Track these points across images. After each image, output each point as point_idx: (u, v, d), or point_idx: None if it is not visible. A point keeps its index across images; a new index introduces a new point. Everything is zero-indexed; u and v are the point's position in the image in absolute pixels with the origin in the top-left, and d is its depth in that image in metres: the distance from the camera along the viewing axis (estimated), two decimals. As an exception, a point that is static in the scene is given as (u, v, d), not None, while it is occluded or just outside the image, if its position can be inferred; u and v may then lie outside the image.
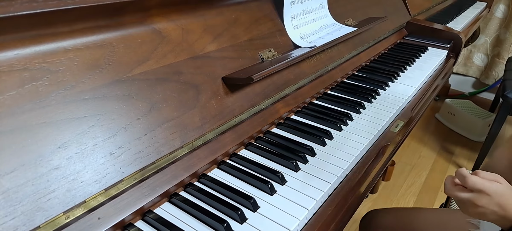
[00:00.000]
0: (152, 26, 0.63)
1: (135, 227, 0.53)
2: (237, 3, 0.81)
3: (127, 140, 0.54)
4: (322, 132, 0.78)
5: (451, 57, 1.41)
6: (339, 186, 0.66)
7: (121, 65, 0.57)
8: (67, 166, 0.47)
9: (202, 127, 0.64)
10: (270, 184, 0.61)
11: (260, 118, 0.77)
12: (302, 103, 0.90)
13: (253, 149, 0.72)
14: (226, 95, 0.71)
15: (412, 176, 2.00)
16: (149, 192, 0.55)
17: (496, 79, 2.61)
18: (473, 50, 2.69)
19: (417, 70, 1.19)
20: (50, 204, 0.45)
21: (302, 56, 0.85)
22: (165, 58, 0.63)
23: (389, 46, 1.40)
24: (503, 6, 2.50)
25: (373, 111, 0.90)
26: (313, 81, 0.96)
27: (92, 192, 0.49)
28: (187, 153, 0.62)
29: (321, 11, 1.05)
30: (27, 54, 0.47)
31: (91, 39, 0.54)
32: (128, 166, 0.53)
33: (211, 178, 0.63)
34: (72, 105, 0.49)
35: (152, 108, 0.58)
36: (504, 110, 1.86)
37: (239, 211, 0.55)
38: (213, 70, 0.70)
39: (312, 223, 0.58)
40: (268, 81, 0.81)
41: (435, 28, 1.49)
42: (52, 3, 0.47)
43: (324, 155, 0.72)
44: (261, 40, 0.84)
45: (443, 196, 1.80)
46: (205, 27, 0.72)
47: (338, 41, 0.97)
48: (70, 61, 0.51)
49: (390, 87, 1.06)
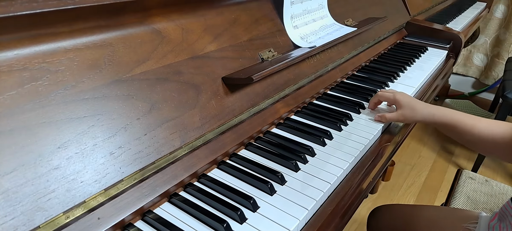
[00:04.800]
0: (152, 26, 0.63)
1: (135, 227, 0.53)
2: (237, 3, 0.81)
3: (127, 140, 0.54)
4: (322, 132, 0.78)
5: (451, 57, 1.41)
6: (338, 186, 0.66)
7: (121, 65, 0.57)
8: (67, 166, 0.47)
9: (202, 127, 0.64)
10: (270, 184, 0.61)
11: (260, 118, 0.77)
12: (302, 104, 0.90)
13: (253, 149, 0.72)
14: (226, 95, 0.71)
15: (412, 176, 2.00)
16: (149, 192, 0.55)
17: (496, 80, 2.61)
18: (473, 50, 2.69)
19: (417, 71, 1.19)
20: (50, 204, 0.45)
21: (302, 56, 0.85)
22: (165, 58, 0.63)
23: (389, 46, 1.40)
24: (502, 6, 2.50)
25: (373, 111, 0.90)
26: (313, 81, 0.96)
27: (92, 192, 0.49)
28: (187, 153, 0.62)
29: (321, 11, 1.05)
30: (27, 54, 0.47)
31: (91, 39, 0.54)
32: (128, 166, 0.53)
33: (211, 178, 0.63)
34: (72, 105, 0.49)
35: (152, 108, 0.58)
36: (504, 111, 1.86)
37: (239, 211, 0.55)
38: (213, 70, 0.70)
39: (312, 223, 0.58)
40: (268, 81, 0.81)
41: (435, 28, 1.49)
42: (52, 3, 0.47)
43: (324, 155, 0.72)
44: (261, 40, 0.84)
45: (443, 196, 1.81)
46: (205, 27, 0.72)
47: (338, 41, 0.97)
48: (70, 61, 0.51)
49: (390, 87, 1.06)
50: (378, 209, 1.00)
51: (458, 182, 1.14)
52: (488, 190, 1.10)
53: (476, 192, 1.09)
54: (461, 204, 1.05)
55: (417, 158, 2.15)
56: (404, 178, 1.98)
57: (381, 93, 0.85)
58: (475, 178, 1.15)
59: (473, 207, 1.04)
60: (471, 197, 1.08)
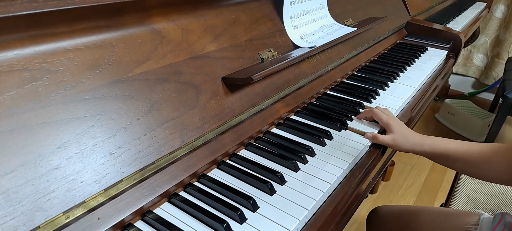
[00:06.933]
0: (152, 26, 0.63)
1: (134, 227, 0.53)
2: (237, 3, 0.81)
3: (127, 140, 0.54)
4: (322, 132, 0.78)
5: (451, 57, 1.41)
6: (338, 186, 0.66)
7: (121, 65, 0.57)
8: (67, 166, 0.47)
9: (202, 127, 0.64)
10: (270, 184, 0.61)
11: (260, 118, 0.77)
12: (302, 104, 0.90)
13: (253, 149, 0.72)
14: (226, 95, 0.71)
15: (412, 176, 2.00)
16: (148, 192, 0.55)
17: (496, 80, 2.61)
18: (473, 50, 2.69)
19: (417, 71, 1.19)
20: (49, 204, 0.45)
21: (301, 57, 0.85)
22: (165, 58, 0.63)
23: (389, 46, 1.40)
24: (502, 6, 2.51)
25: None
26: (312, 81, 0.96)
27: (91, 192, 0.49)
28: (187, 153, 0.62)
29: (321, 11, 1.05)
30: (27, 54, 0.47)
31: (91, 39, 0.54)
32: (128, 166, 0.53)
33: (211, 178, 0.63)
34: (72, 105, 0.49)
35: (152, 109, 0.58)
36: (504, 111, 1.86)
37: (239, 211, 0.55)
38: (213, 70, 0.70)
39: (312, 223, 0.58)
40: (268, 81, 0.81)
41: (435, 28, 1.49)
42: (52, 3, 0.47)
43: (324, 155, 0.72)
44: (261, 40, 0.84)
45: (443, 196, 1.81)
46: (205, 27, 0.72)
47: (337, 41, 0.97)
48: (70, 61, 0.51)
49: (390, 87, 1.06)
50: (377, 210, 1.00)
51: (458, 182, 1.14)
52: (488, 190, 1.10)
53: (476, 192, 1.09)
54: (461, 204, 1.05)
55: (417, 158, 2.15)
56: (404, 178, 1.98)
57: (376, 112, 0.82)
58: (474, 178, 1.15)
59: (473, 207, 1.04)
60: (471, 197, 1.08)
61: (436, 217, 0.88)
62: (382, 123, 0.80)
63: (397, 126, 0.78)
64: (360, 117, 0.87)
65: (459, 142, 0.74)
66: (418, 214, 0.90)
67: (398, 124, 0.79)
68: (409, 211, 0.93)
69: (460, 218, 0.85)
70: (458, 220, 0.84)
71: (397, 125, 0.79)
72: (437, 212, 0.90)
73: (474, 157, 0.71)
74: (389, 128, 0.79)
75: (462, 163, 0.73)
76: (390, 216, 0.95)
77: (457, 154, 0.72)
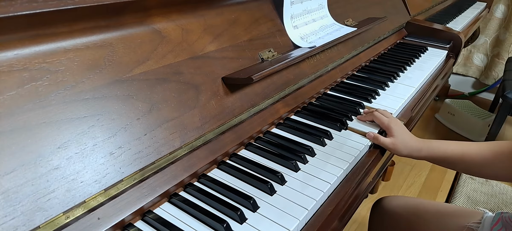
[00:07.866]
0: (152, 26, 0.63)
1: (134, 227, 0.53)
2: (237, 3, 0.81)
3: (127, 140, 0.54)
4: (322, 132, 0.78)
5: (451, 57, 1.41)
6: (339, 186, 0.66)
7: (121, 65, 0.57)
8: (67, 166, 0.47)
9: (202, 127, 0.64)
10: (270, 184, 0.61)
11: (260, 118, 0.77)
12: (302, 104, 0.90)
13: (253, 149, 0.72)
14: (226, 95, 0.71)
15: (412, 176, 2.00)
16: (149, 192, 0.55)
17: (496, 80, 2.61)
18: (473, 50, 2.69)
19: (417, 71, 1.19)
20: (49, 204, 0.45)
21: (302, 57, 0.85)
22: (165, 58, 0.63)
23: (389, 46, 1.40)
24: (502, 6, 2.51)
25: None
26: (313, 81, 0.96)
27: (91, 192, 0.49)
28: (187, 153, 0.62)
29: (321, 11, 1.05)
30: (26, 54, 0.47)
31: (91, 39, 0.54)
32: (128, 166, 0.53)
33: (211, 178, 0.63)
34: (72, 105, 0.49)
35: (152, 109, 0.58)
36: (504, 111, 1.86)
37: (239, 211, 0.55)
38: (213, 70, 0.70)
39: (312, 223, 0.58)
40: (268, 81, 0.81)
41: (435, 28, 1.49)
42: (52, 3, 0.47)
43: (324, 155, 0.72)
44: (261, 40, 0.84)
45: (443, 197, 1.81)
46: (205, 27, 0.72)
47: (337, 41, 0.97)
48: (70, 61, 0.51)
49: (390, 87, 1.06)
50: (382, 200, 0.99)
51: (458, 182, 1.14)
52: (488, 190, 1.10)
53: (476, 192, 1.09)
54: (461, 204, 1.05)
55: (417, 158, 2.15)
56: (404, 178, 1.98)
57: (377, 114, 0.82)
58: (475, 178, 1.15)
59: (473, 207, 1.04)
60: (471, 197, 1.08)
61: (440, 211, 0.88)
62: (384, 126, 0.80)
63: (398, 130, 0.78)
64: (361, 119, 0.86)
65: (457, 143, 0.75)
66: (423, 206, 0.90)
67: (399, 128, 0.79)
68: (414, 205, 0.93)
69: (463, 216, 0.85)
70: (461, 217, 0.85)
71: (398, 129, 0.79)
72: (442, 208, 0.90)
73: (473, 158, 0.71)
74: (390, 131, 0.79)
75: (462, 165, 0.73)
76: (395, 208, 0.94)
77: (455, 156, 0.73)
